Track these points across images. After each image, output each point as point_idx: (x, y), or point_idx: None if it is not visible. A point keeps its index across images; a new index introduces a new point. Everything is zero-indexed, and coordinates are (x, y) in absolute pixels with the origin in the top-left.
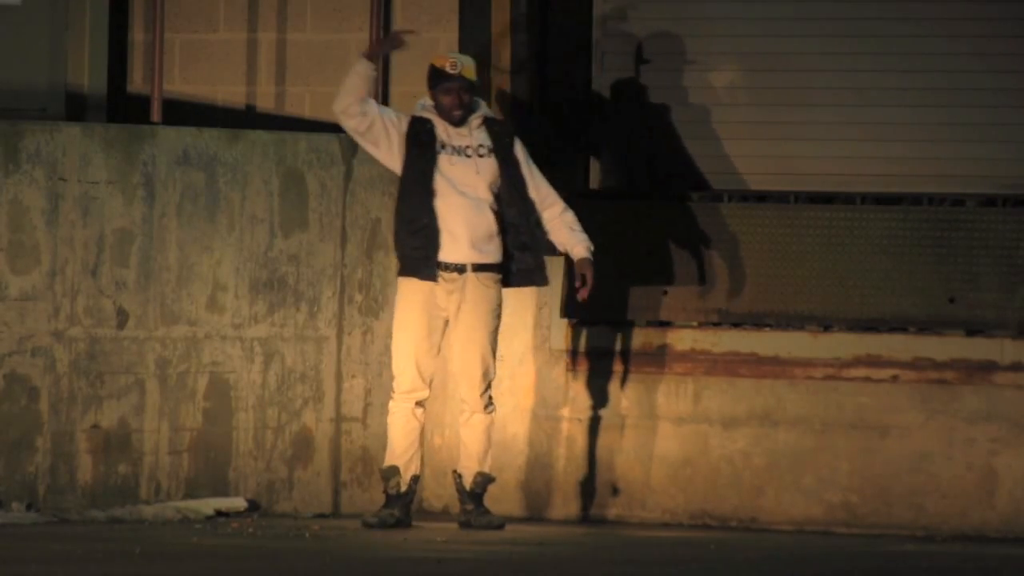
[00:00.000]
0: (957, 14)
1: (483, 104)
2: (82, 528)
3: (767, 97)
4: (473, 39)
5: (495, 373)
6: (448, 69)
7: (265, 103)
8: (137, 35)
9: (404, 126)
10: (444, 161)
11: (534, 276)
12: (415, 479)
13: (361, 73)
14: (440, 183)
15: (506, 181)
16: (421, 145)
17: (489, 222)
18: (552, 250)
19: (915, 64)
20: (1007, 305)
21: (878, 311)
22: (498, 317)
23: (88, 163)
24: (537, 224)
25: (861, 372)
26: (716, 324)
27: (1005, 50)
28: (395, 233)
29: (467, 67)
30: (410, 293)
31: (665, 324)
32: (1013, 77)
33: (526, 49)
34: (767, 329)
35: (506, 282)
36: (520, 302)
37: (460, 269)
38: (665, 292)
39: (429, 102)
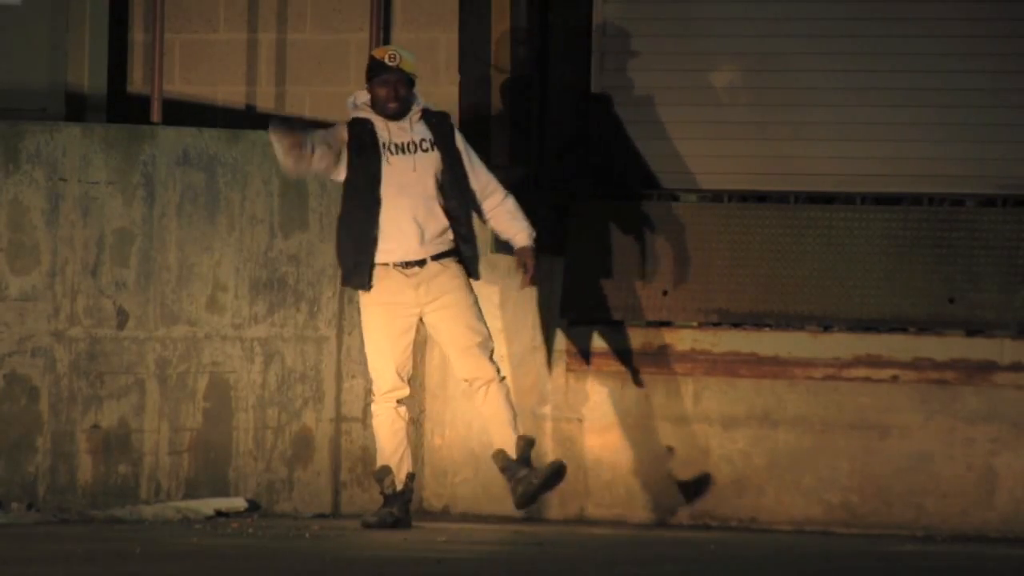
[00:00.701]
0: (957, 15)
1: (420, 98)
2: (82, 528)
3: (767, 97)
4: (473, 39)
5: (493, 343)
6: (387, 61)
7: (265, 103)
8: (137, 35)
9: (343, 134)
10: (388, 162)
11: (471, 268)
12: (411, 476)
13: (278, 138)
14: (387, 186)
15: (448, 173)
16: (363, 148)
17: (439, 217)
18: (497, 240)
19: (915, 64)
20: (1007, 305)
21: (878, 311)
22: (472, 291)
23: (88, 163)
24: (477, 214)
25: (861, 372)
26: (716, 324)
27: (1005, 51)
28: (337, 240)
29: (406, 60)
30: (376, 294)
31: (665, 324)
32: (1013, 78)
33: (526, 49)
34: (767, 329)
35: None
36: (520, 302)
37: (420, 263)
38: (665, 292)
39: (361, 99)
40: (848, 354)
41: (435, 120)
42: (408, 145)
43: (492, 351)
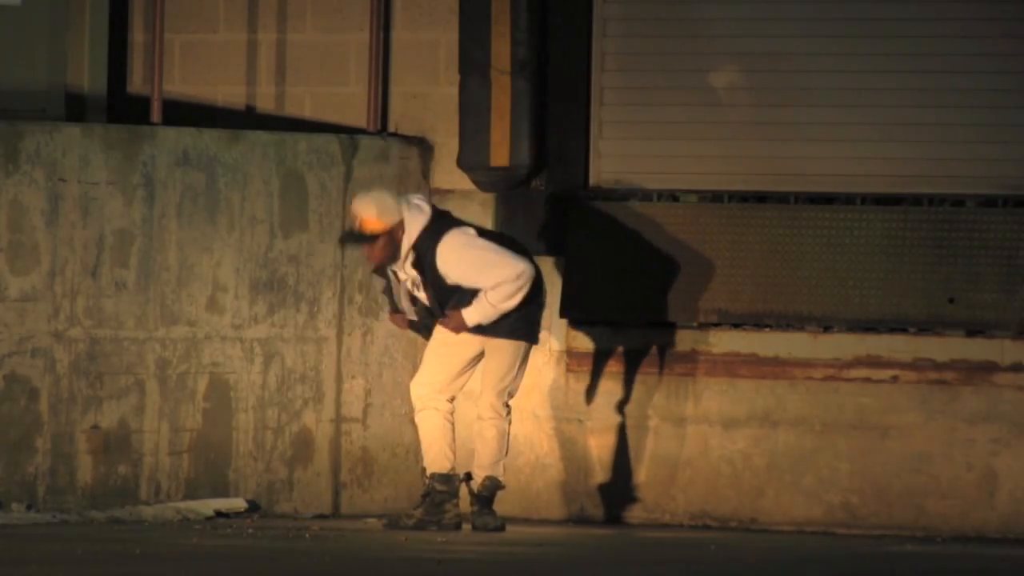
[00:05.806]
0: (957, 14)
1: (414, 223)
2: (82, 529)
3: (767, 97)
4: (473, 39)
5: (517, 388)
6: (353, 228)
7: (265, 104)
8: (137, 35)
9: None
10: (398, 289)
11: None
12: (436, 477)
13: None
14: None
15: (443, 294)
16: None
17: None
18: None
19: (915, 64)
20: (1007, 305)
21: (878, 311)
22: (520, 351)
23: (88, 163)
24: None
25: (861, 373)
26: (716, 324)
27: (1005, 51)
28: None
29: (368, 218)
30: None
31: (665, 324)
32: (1013, 78)
33: (526, 49)
34: (767, 330)
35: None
36: None
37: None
38: (665, 292)
39: None
40: (848, 354)
41: (422, 250)
42: (409, 283)
43: (512, 395)
